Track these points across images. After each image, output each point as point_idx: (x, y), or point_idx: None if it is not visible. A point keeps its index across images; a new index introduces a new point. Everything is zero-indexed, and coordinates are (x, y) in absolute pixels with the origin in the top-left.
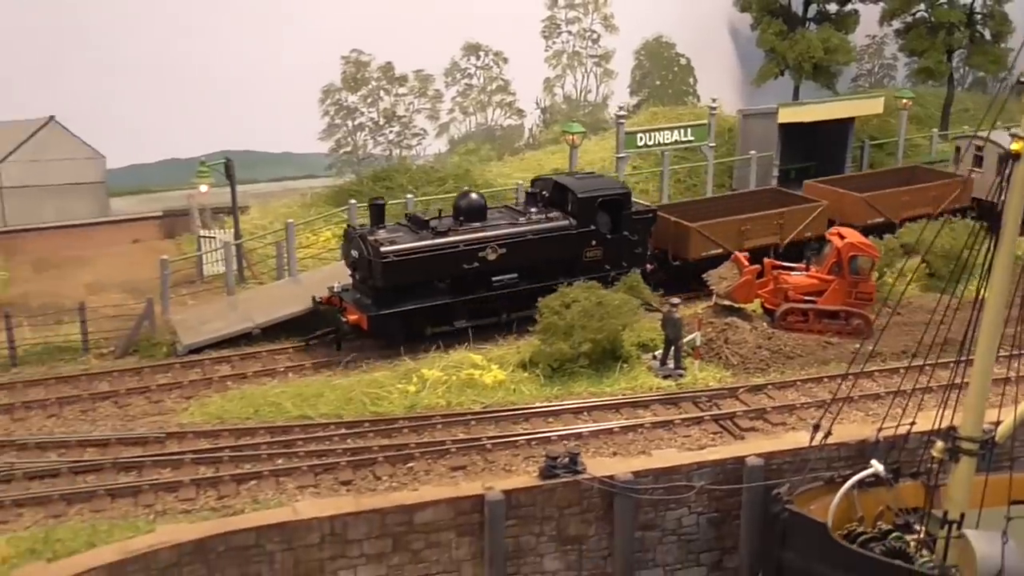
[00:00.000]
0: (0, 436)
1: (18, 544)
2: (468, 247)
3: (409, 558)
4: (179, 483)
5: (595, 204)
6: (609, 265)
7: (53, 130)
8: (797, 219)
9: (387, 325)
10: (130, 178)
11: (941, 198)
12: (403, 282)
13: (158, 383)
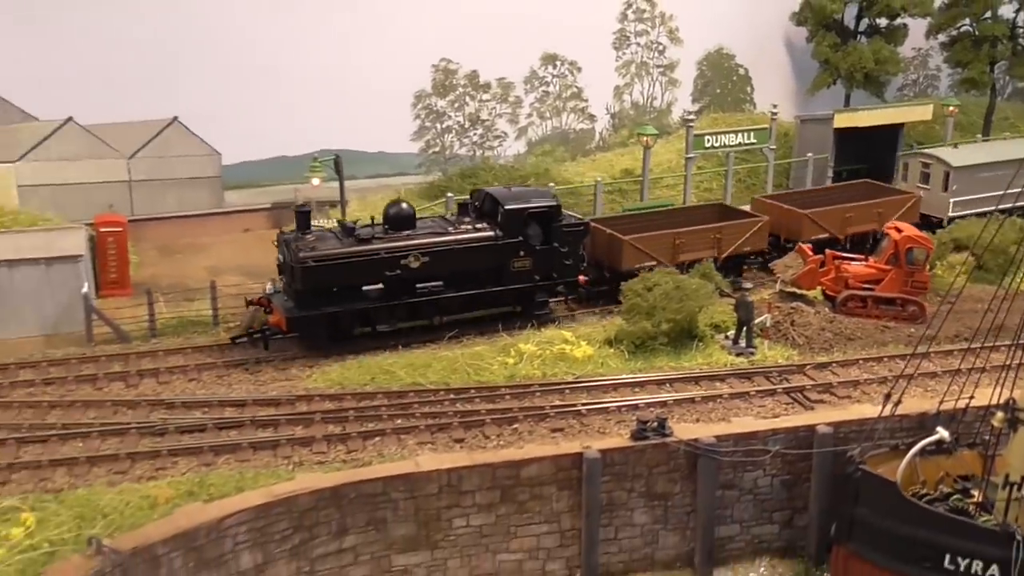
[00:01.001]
0: (151, 396)
1: (178, 487)
2: (389, 255)
3: (515, 508)
4: (312, 438)
5: (523, 216)
6: (538, 276)
7: (176, 130)
8: (735, 234)
9: (305, 326)
10: (242, 173)
11: (887, 215)
12: (321, 286)
13: (283, 354)
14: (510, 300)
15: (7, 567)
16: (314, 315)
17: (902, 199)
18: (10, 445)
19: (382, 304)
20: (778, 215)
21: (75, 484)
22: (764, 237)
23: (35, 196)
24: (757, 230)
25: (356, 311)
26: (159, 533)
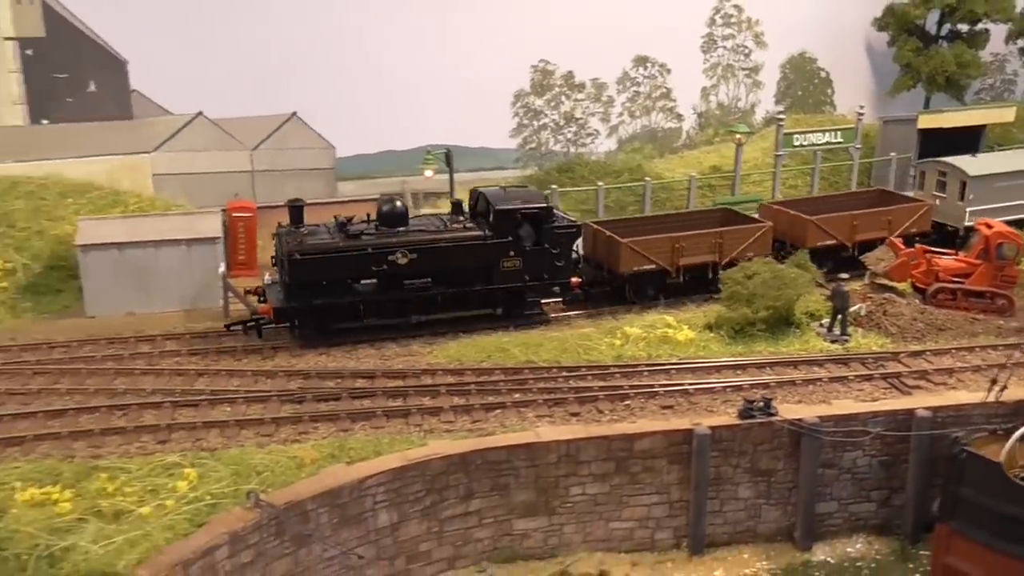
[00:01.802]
0: (286, 367)
1: (321, 449)
2: (376, 251)
3: (628, 479)
4: (439, 408)
5: (513, 216)
6: (528, 276)
7: (295, 124)
8: (738, 239)
9: (291, 317)
10: (355, 166)
11: (897, 223)
12: (309, 279)
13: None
14: (499, 300)
15: (177, 516)
16: (301, 307)
17: (913, 207)
18: (166, 408)
19: (369, 299)
20: (785, 221)
21: (227, 444)
22: (767, 243)
23: (168, 184)
24: (760, 236)
25: (343, 304)
26: (308, 490)
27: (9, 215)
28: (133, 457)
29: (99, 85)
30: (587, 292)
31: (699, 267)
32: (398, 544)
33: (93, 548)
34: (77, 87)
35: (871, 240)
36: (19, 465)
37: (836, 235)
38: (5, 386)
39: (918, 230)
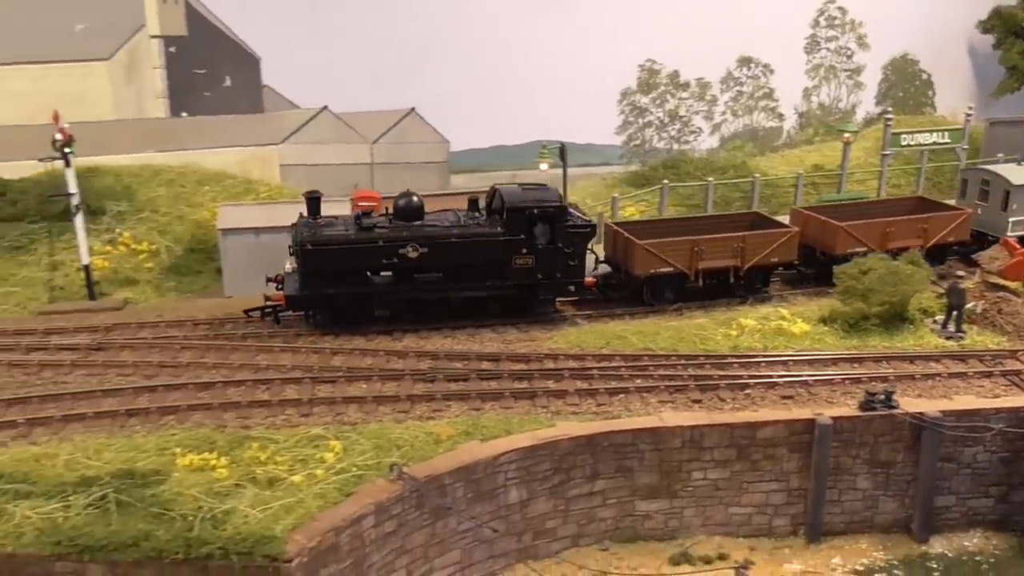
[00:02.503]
0: (415, 348)
1: (456, 427)
2: (387, 244)
3: (749, 466)
4: (565, 391)
5: (525, 214)
6: (541, 274)
7: (413, 119)
8: (761, 244)
9: (302, 305)
10: (467, 159)
11: (934, 231)
12: (321, 269)
13: (526, 319)
14: (512, 296)
15: (327, 485)
16: (312, 295)
17: (951, 215)
18: (306, 383)
19: (380, 291)
20: (815, 227)
21: (366, 419)
22: (793, 248)
23: (293, 174)
24: (785, 241)
25: (354, 295)
26: (446, 465)
27: (153, 201)
28: (280, 428)
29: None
30: (606, 293)
31: (720, 271)
32: (526, 520)
33: (252, 512)
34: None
35: (905, 248)
36: (176, 432)
37: (868, 242)
38: (157, 359)
39: (956, 239)
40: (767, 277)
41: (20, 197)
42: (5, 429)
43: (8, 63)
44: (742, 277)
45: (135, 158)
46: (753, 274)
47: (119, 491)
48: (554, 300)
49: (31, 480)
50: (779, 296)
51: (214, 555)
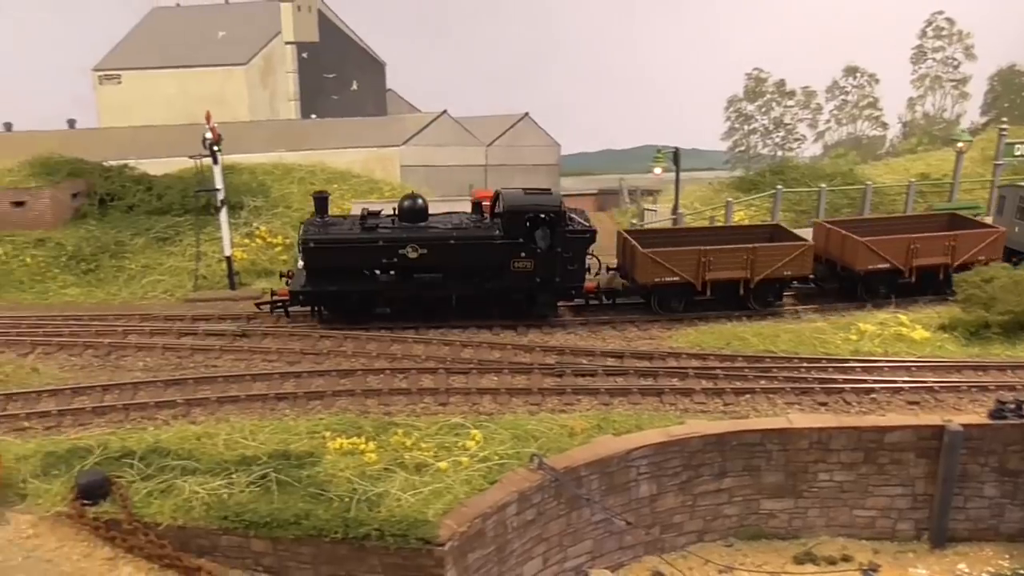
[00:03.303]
0: (539, 343)
1: (588, 420)
2: (387, 244)
3: (875, 470)
4: (691, 390)
5: (523, 218)
6: (540, 278)
7: (526, 123)
8: (773, 256)
9: (308, 300)
10: (576, 162)
11: (963, 249)
12: (323, 266)
13: (646, 317)
14: (513, 299)
15: (472, 472)
16: (315, 291)
17: (983, 233)
18: (441, 374)
19: (382, 290)
20: (836, 241)
21: (501, 410)
22: (807, 263)
23: (413, 174)
24: (798, 255)
25: (356, 292)
26: (582, 458)
27: (286, 197)
28: (420, 416)
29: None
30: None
31: (729, 283)
32: (655, 514)
33: (404, 496)
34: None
35: (932, 266)
36: (323, 417)
37: (891, 259)
38: (298, 346)
39: (987, 258)
40: (780, 291)
41: (166, 192)
42: (166, 408)
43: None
44: (752, 290)
45: (268, 157)
46: (765, 287)
47: (278, 471)
48: (555, 304)
49: (195, 457)
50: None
51: (371, 536)
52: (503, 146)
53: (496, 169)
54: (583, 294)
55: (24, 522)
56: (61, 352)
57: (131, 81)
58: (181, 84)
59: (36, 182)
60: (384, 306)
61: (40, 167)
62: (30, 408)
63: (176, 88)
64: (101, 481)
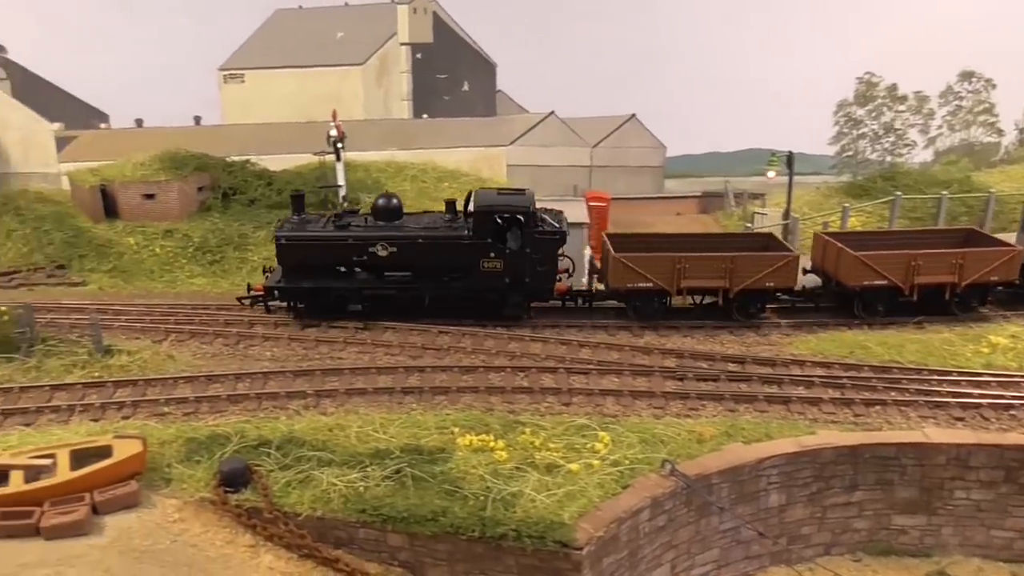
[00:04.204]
0: (657, 345)
1: (716, 427)
2: (357, 242)
3: (1016, 490)
4: (819, 399)
5: (491, 218)
6: (509, 279)
7: (633, 125)
8: (753, 267)
9: (283, 296)
10: (681, 165)
11: (972, 268)
12: (295, 263)
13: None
14: (483, 299)
15: (605, 475)
16: (289, 288)
17: (996, 252)
18: (561, 373)
19: (352, 287)
20: (832, 255)
21: (625, 412)
22: (792, 274)
23: (519, 174)
24: (783, 266)
25: (328, 289)
26: (714, 465)
27: (400, 195)
28: (544, 415)
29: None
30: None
31: (707, 291)
32: (783, 525)
33: (538, 497)
34: (453, 87)
35: (936, 285)
36: (450, 413)
37: (888, 276)
38: (419, 341)
39: (1000, 279)
40: (763, 303)
41: (285, 187)
42: (296, 398)
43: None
44: (732, 300)
45: (380, 155)
46: (747, 298)
47: (412, 466)
48: (526, 306)
49: (329, 448)
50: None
51: (507, 536)
52: (608, 147)
53: (601, 170)
54: (556, 296)
55: (170, 506)
56: (193, 340)
57: (253, 80)
58: (300, 83)
59: (165, 176)
60: (356, 303)
61: (169, 161)
62: (168, 394)
63: (295, 87)
64: (242, 469)
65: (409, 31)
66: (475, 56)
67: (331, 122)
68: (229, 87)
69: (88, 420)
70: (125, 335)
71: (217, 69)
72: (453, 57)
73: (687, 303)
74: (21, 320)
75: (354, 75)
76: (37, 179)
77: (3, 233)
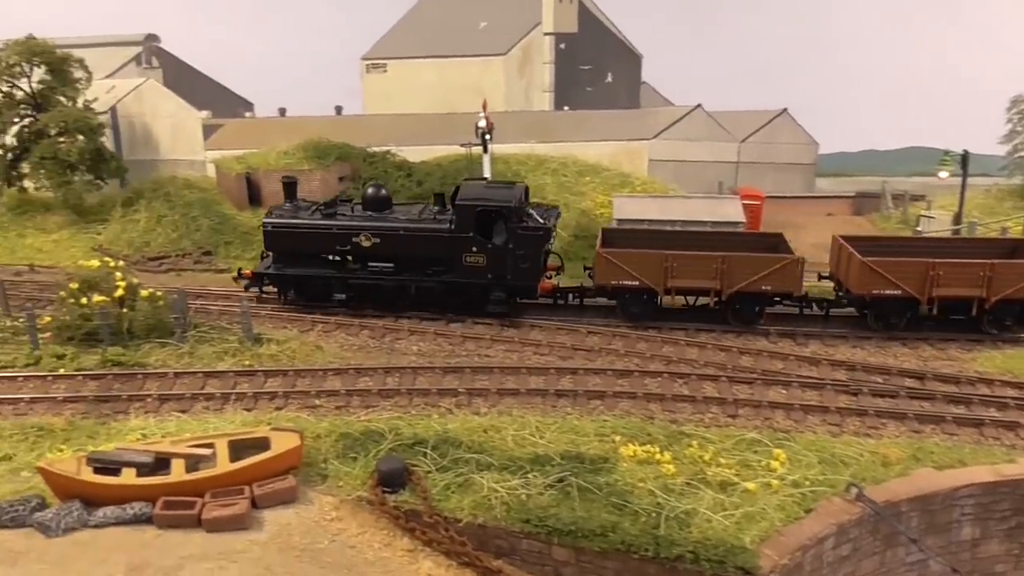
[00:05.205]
0: (823, 355)
1: (903, 449)
2: (341, 231)
3: None
4: (1016, 424)
5: (472, 212)
6: (491, 274)
7: (784, 120)
8: (748, 268)
9: (265, 282)
10: (834, 163)
11: (1001, 282)
12: (280, 250)
13: (939, 333)
14: (464, 293)
15: (786, 497)
16: (272, 274)
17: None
18: (723, 382)
19: (338, 276)
20: (844, 260)
21: (797, 428)
22: (794, 279)
23: (661, 169)
24: (781, 268)
25: (307, 276)
26: (903, 491)
27: (541, 188)
28: (709, 427)
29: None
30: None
31: (698, 292)
32: (975, 560)
33: (715, 517)
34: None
35: (959, 298)
36: (607, 419)
37: (902, 285)
38: (568, 341)
39: None
40: (760, 307)
41: (425, 179)
42: (447, 396)
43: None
44: (725, 302)
45: (519, 148)
46: (742, 301)
47: (575, 475)
48: (509, 302)
49: (486, 451)
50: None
51: (684, 557)
52: (757, 143)
53: (748, 166)
54: (541, 293)
55: (327, 504)
56: (339, 331)
57: (395, 70)
58: (441, 73)
59: (308, 165)
60: (340, 292)
61: (312, 150)
62: (318, 386)
63: (436, 77)
64: (401, 469)
65: (554, 20)
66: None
67: (480, 113)
68: (371, 77)
69: (241, 409)
70: (272, 323)
71: (360, 59)
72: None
73: (678, 304)
74: (176, 305)
75: (496, 65)
76: (184, 166)
77: (154, 218)
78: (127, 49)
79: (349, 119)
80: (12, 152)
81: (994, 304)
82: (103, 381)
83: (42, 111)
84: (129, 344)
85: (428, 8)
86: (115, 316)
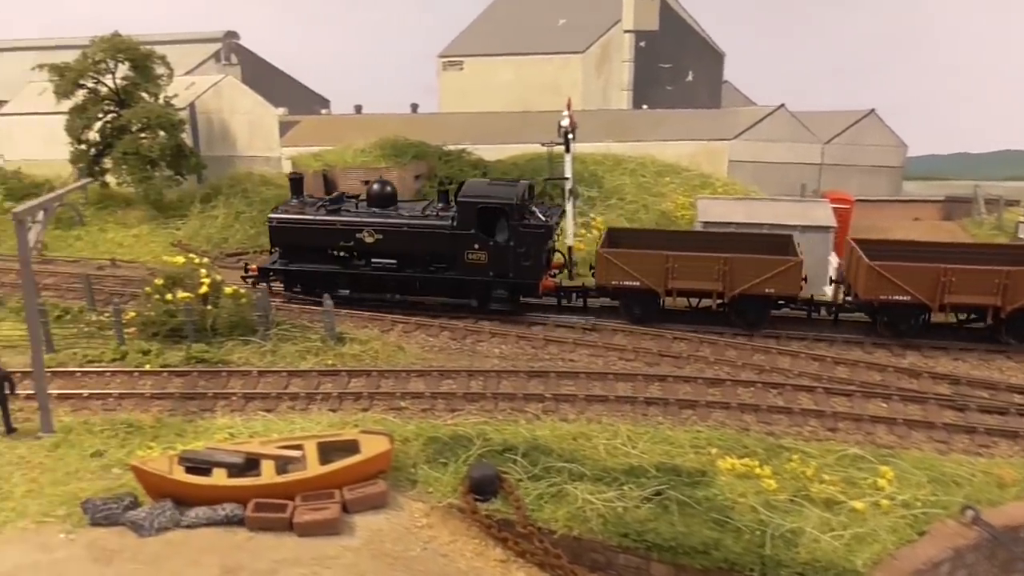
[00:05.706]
0: (923, 367)
1: (1017, 470)
2: (344, 227)
3: None
4: None
5: (473, 209)
6: (493, 272)
7: (871, 121)
8: (750, 270)
9: (269, 277)
10: (923, 166)
11: (1018, 290)
12: (285, 245)
13: None
14: (471, 290)
15: (898, 518)
16: (278, 269)
17: None
18: (819, 393)
19: (342, 272)
20: (854, 263)
21: (901, 443)
22: (795, 281)
23: (741, 170)
24: (784, 271)
25: (312, 272)
26: (1022, 515)
27: (619, 188)
28: (808, 441)
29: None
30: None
31: (699, 293)
32: None
33: (823, 537)
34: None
35: (972, 306)
36: (701, 430)
37: (911, 290)
38: (654, 346)
39: None
40: (763, 310)
41: (500, 178)
42: (534, 401)
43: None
44: (726, 304)
45: (596, 147)
46: (744, 303)
47: (673, 488)
48: (511, 300)
49: (578, 460)
50: None
51: None
52: (842, 144)
53: (832, 168)
54: (543, 291)
55: (417, 510)
56: (419, 332)
57: (472, 67)
58: (518, 71)
59: (384, 163)
60: (345, 287)
61: (388, 148)
62: (402, 388)
63: (513, 75)
64: (492, 477)
65: (634, 18)
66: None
67: (564, 112)
68: (448, 74)
69: (327, 410)
70: (353, 323)
71: (437, 56)
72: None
73: (681, 305)
74: (259, 303)
75: (574, 64)
76: (260, 163)
77: (232, 215)
78: (207, 46)
79: (425, 117)
80: (95, 147)
81: (1010, 313)
82: (188, 378)
83: (125, 107)
84: (212, 341)
85: (506, 5)
86: (199, 313)
